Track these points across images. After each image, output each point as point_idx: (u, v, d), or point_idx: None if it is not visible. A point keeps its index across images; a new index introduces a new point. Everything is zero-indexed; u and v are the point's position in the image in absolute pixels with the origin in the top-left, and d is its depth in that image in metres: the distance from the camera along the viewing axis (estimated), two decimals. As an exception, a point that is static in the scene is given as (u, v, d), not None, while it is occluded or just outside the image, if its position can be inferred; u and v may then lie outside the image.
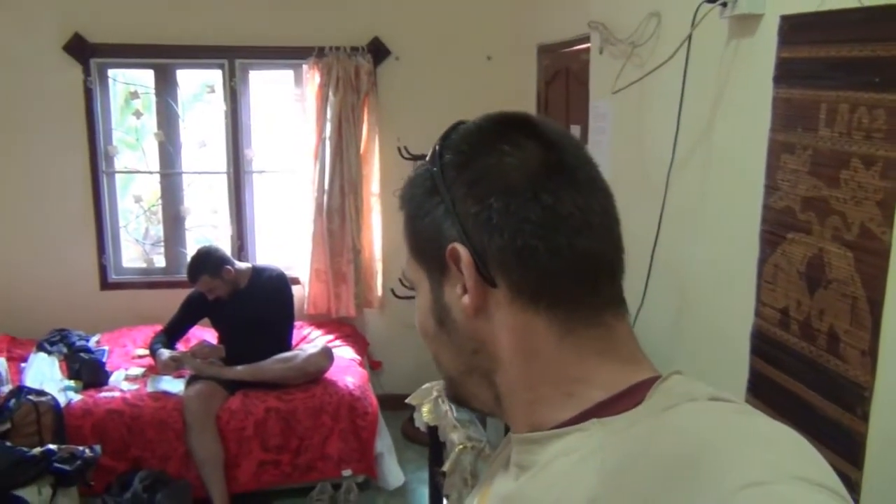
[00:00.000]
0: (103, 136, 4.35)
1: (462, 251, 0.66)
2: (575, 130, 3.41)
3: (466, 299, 0.67)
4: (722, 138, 2.03)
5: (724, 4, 1.91)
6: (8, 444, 2.90)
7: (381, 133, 4.33)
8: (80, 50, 4.17)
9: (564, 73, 3.59)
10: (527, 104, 3.98)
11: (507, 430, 0.79)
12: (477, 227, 0.66)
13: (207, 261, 3.56)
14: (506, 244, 0.65)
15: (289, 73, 4.46)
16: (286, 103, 4.50)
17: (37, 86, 4.19)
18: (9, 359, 3.75)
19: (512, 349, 0.68)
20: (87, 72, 4.22)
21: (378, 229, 4.45)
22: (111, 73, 4.39)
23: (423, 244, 0.71)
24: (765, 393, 1.81)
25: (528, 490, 0.67)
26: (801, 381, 1.67)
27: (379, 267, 4.48)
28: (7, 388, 3.30)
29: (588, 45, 3.05)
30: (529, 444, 0.69)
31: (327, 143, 4.23)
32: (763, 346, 1.82)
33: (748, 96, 1.89)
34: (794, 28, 1.70)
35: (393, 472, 3.66)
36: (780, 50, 1.75)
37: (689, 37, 2.06)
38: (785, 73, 1.74)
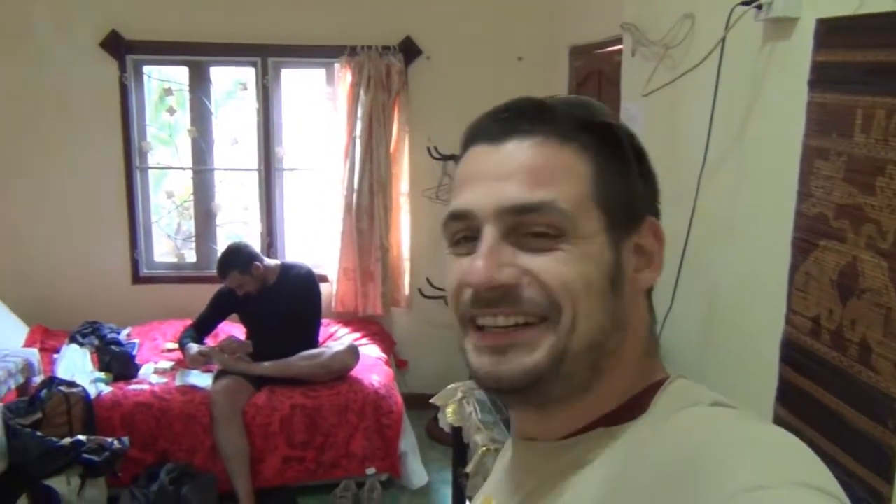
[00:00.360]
0: (137, 132, 4.41)
1: (661, 228, 0.70)
2: (606, 132, 3.38)
3: (649, 274, 0.70)
4: (755, 143, 2.00)
5: (760, 7, 1.88)
6: (38, 433, 2.94)
7: (411, 132, 4.33)
8: (117, 47, 4.23)
9: (596, 74, 3.57)
10: (558, 105, 3.95)
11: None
12: (656, 210, 0.73)
13: (237, 257, 3.59)
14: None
15: (321, 72, 4.48)
16: (317, 102, 4.52)
17: (74, 82, 4.26)
18: (42, 349, 3.81)
19: (635, 334, 0.69)
20: (122, 68, 4.28)
21: (406, 229, 4.46)
22: (146, 69, 4.45)
23: (619, 201, 0.68)
24: (794, 402, 1.78)
25: (535, 499, 0.67)
26: (831, 391, 1.64)
27: (407, 266, 4.48)
28: (39, 379, 3.36)
29: (620, 46, 3.03)
30: (540, 454, 0.70)
31: (357, 141, 4.25)
32: (793, 354, 1.79)
33: (782, 101, 1.86)
34: (831, 31, 1.67)
35: (416, 472, 3.66)
36: (815, 54, 1.72)
37: (723, 39, 2.03)
38: (820, 77, 1.70)
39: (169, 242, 4.73)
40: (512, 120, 0.68)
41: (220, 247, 4.10)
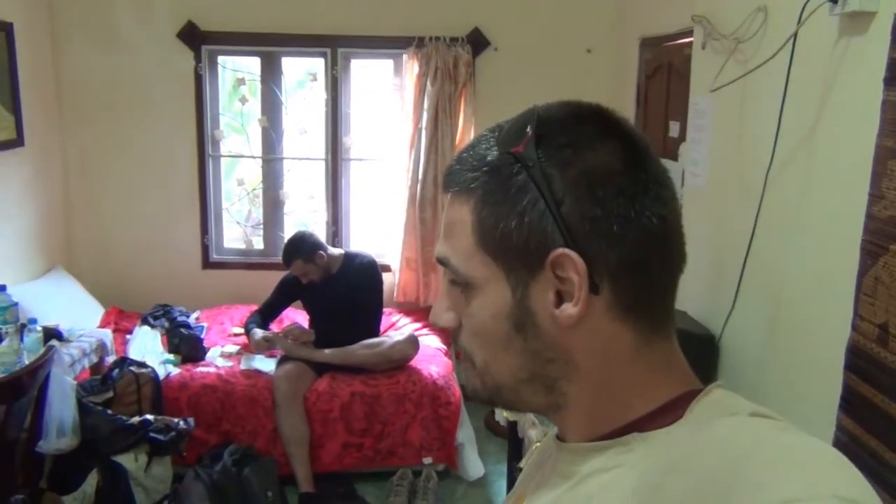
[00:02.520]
0: (211, 121, 4.52)
1: (576, 259, 0.62)
2: (674, 127, 3.32)
3: (570, 309, 0.63)
4: (825, 142, 1.93)
5: (835, 1, 1.81)
6: (109, 411, 3.05)
7: (477, 124, 4.33)
8: (193, 37, 4.34)
9: (666, 67, 3.50)
10: (626, 98, 3.90)
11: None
12: (593, 234, 0.62)
13: (301, 245, 3.65)
14: (625, 255, 0.63)
15: (388, 63, 4.51)
16: (385, 92, 4.56)
17: (152, 71, 4.39)
18: (115, 330, 3.96)
19: (594, 359, 0.66)
20: (198, 58, 4.39)
21: (470, 220, 4.45)
22: (220, 59, 4.55)
23: (509, 242, 0.64)
24: (857, 411, 1.72)
25: (566, 502, 0.67)
26: (897, 402, 1.58)
27: (469, 258, 4.48)
28: (112, 359, 3.48)
29: (691, 39, 2.96)
30: (571, 455, 0.70)
31: (423, 133, 4.27)
32: (858, 362, 1.73)
33: (856, 98, 1.79)
34: (909, 27, 1.60)
35: (473, 463, 3.67)
36: (892, 50, 1.65)
37: (795, 34, 1.97)
38: (897, 74, 1.63)
39: (238, 229, 4.84)
40: (447, 174, 0.71)
41: (287, 234, 4.18)
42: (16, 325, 2.98)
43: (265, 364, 3.71)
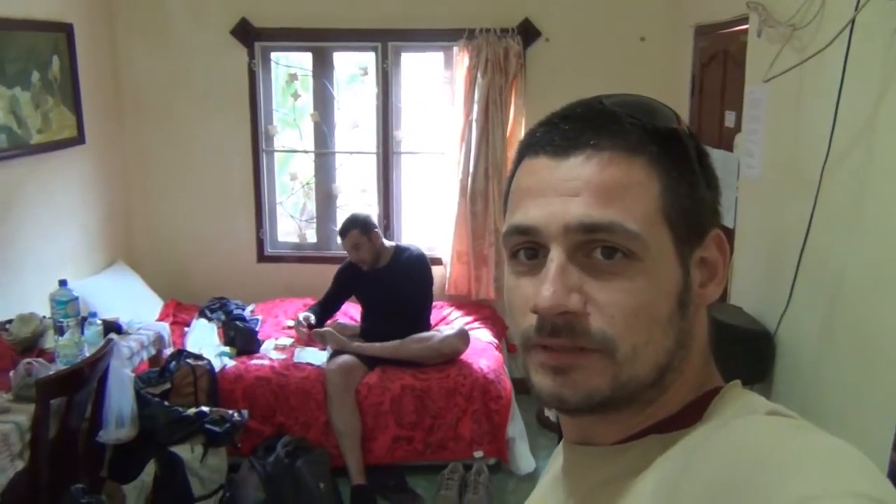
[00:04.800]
0: (264, 116, 4.58)
1: (724, 239, 0.67)
2: (730, 117, 3.24)
3: (714, 287, 0.67)
4: (884, 132, 1.85)
5: (895, -15, 1.74)
6: (166, 403, 3.13)
7: (528, 116, 4.28)
8: (246, 34, 4.40)
9: (721, 55, 3.40)
10: (681, 87, 3.81)
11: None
12: (719, 219, 0.68)
13: (360, 218, 3.72)
14: None
15: (439, 56, 4.50)
16: (435, 85, 4.55)
17: (206, 68, 4.47)
18: (174, 323, 4.05)
19: (698, 345, 0.67)
20: (251, 55, 4.44)
21: (521, 213, 4.42)
22: (273, 55, 4.60)
23: (684, 214, 0.64)
24: (918, 414, 1.66)
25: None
26: (960, 404, 1.51)
27: (520, 251, 4.45)
28: (169, 351, 3.57)
29: (747, 26, 2.88)
30: (590, 456, 0.69)
31: (474, 125, 4.24)
32: (919, 362, 1.66)
33: (917, 87, 1.72)
34: (974, 11, 1.52)
35: (524, 457, 3.65)
36: (956, 36, 1.57)
37: (853, 20, 1.89)
38: (960, 61, 1.56)
39: (292, 222, 4.90)
40: (576, 131, 0.64)
41: (340, 228, 4.23)
42: (77, 319, 3.06)
43: (317, 357, 3.76)
